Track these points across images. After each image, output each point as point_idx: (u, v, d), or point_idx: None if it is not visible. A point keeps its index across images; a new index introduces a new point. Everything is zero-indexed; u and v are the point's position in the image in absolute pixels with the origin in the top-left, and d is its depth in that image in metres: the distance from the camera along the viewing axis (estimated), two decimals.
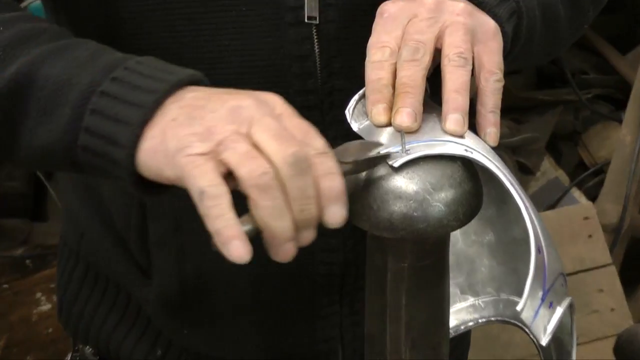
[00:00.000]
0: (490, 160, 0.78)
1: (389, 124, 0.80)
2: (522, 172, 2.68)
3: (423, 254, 0.80)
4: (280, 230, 0.69)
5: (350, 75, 0.92)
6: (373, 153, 0.75)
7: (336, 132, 0.89)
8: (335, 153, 0.73)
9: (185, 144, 0.69)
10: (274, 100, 0.73)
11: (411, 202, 0.76)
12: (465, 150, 0.78)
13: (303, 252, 0.71)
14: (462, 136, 0.80)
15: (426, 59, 0.80)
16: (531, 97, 2.82)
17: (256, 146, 0.69)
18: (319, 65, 0.92)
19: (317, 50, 0.91)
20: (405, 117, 0.79)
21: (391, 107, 0.80)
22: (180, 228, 0.98)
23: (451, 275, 0.85)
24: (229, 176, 0.69)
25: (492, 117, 0.83)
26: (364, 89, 0.82)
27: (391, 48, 0.81)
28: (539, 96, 2.84)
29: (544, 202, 2.59)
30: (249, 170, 0.68)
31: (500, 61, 0.83)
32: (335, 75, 0.93)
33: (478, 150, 0.79)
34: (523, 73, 2.87)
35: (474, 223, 0.80)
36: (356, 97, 0.83)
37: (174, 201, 0.94)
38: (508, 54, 0.87)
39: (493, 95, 0.82)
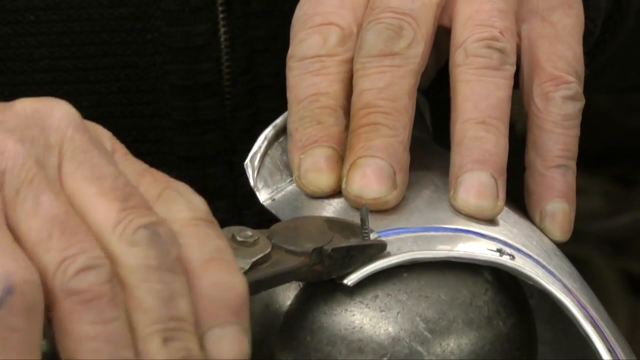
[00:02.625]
0: (550, 273, 0.60)
1: (337, 192, 0.60)
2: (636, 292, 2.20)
3: None
4: None
5: (275, 85, 0.75)
6: (353, 240, 0.56)
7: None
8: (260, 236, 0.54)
9: None
10: (97, 129, 0.54)
11: (384, 358, 0.56)
12: (499, 251, 0.59)
13: None
14: (492, 221, 0.61)
15: (417, 52, 0.61)
16: None
17: (71, 201, 0.49)
18: (225, 58, 0.75)
19: (222, 30, 0.75)
20: (371, 177, 0.59)
21: (341, 156, 0.61)
22: None
23: None
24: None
25: (558, 178, 0.63)
26: (282, 116, 0.65)
27: (342, 27, 0.62)
28: None
29: None
30: (58, 257, 0.46)
31: (577, 57, 0.64)
32: (252, 80, 0.76)
33: (525, 250, 0.60)
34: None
35: None
36: (266, 133, 0.65)
37: None
38: (595, 49, 0.72)
39: (560, 131, 0.63)
